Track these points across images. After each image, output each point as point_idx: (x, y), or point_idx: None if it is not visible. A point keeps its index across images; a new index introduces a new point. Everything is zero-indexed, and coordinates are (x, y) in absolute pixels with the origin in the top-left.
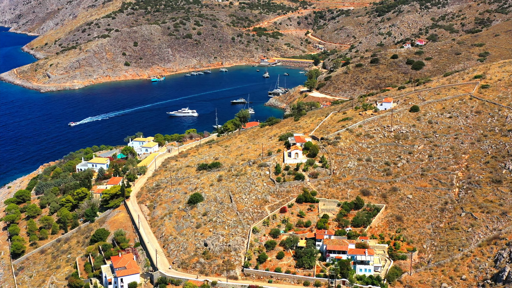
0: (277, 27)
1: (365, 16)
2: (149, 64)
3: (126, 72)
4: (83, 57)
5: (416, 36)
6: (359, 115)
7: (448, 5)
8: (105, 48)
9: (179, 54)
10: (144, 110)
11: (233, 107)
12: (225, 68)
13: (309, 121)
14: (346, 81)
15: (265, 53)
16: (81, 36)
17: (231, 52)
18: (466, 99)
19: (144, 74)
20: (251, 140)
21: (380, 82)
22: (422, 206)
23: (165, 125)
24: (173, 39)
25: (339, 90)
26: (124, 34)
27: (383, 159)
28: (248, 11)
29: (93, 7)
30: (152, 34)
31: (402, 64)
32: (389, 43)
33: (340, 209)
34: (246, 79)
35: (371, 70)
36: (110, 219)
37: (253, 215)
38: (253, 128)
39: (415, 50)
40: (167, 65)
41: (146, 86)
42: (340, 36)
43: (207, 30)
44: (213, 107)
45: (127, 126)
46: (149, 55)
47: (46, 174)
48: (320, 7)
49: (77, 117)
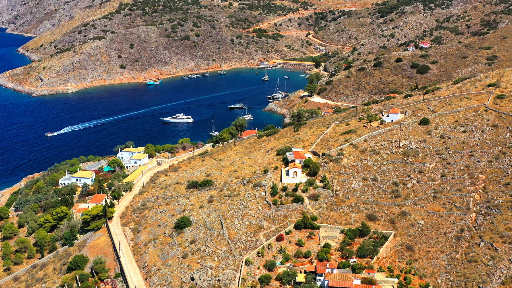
0: (277, 29)
1: (367, 17)
2: (146, 67)
3: (122, 75)
4: (77, 60)
5: (420, 38)
6: (363, 127)
7: (452, 6)
8: (100, 50)
9: (176, 56)
10: (138, 116)
11: (231, 113)
12: (223, 71)
13: (309, 133)
14: (348, 85)
15: (265, 55)
16: (77, 37)
17: (230, 54)
18: (481, 111)
19: (140, 77)
20: (246, 153)
21: (383, 86)
22: (435, 233)
23: (159, 132)
24: (170, 41)
25: (341, 95)
26: (120, 36)
27: (391, 178)
28: (248, 12)
29: (90, 8)
30: (149, 36)
31: (407, 68)
32: (392, 45)
33: (344, 237)
34: (245, 82)
35: (374, 74)
36: (90, 244)
37: (246, 244)
38: (250, 138)
39: (420, 53)
40: (164, 68)
41: (142, 90)
42: (342, 38)
43: (205, 32)
44: (210, 112)
45: (119, 133)
46: (146, 57)
47: (28, 188)
48: (321, 8)
49: (67, 123)
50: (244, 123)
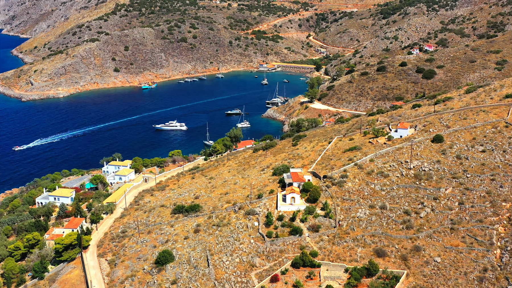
0: (277, 30)
1: (369, 18)
2: (141, 70)
3: (116, 79)
4: (69, 63)
5: (424, 41)
6: (369, 143)
7: (456, 7)
8: (94, 53)
9: (172, 59)
10: (130, 123)
11: (227, 119)
12: (221, 74)
13: (309, 148)
14: (350, 91)
15: (264, 58)
16: (71, 39)
17: (228, 56)
18: (501, 127)
19: (134, 81)
20: (240, 171)
21: (388, 92)
22: (454, 273)
23: (151, 141)
24: (166, 43)
25: (343, 101)
26: (114, 38)
27: (401, 206)
28: (247, 13)
29: (85, 9)
30: (144, 38)
31: (412, 73)
32: (395, 48)
33: (348, 277)
34: (243, 86)
35: (378, 79)
36: (62, 278)
37: (236, 285)
38: (245, 150)
39: (425, 57)
40: (159, 71)
41: (136, 94)
42: (343, 40)
43: (203, 34)
44: (205, 119)
45: (109, 142)
46: (141, 60)
47: (3, 206)
48: (322, 9)
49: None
50: (239, 134)
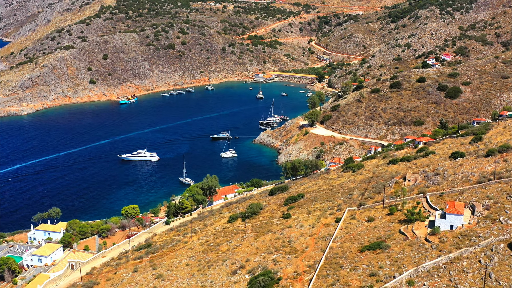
0: (276, 35)
1: (376, 22)
2: (120, 82)
3: (91, 92)
4: (37, 74)
5: (441, 49)
6: (399, 233)
7: (473, 10)
8: (67, 62)
9: (157, 68)
10: (93, 151)
11: (212, 145)
12: (211, 86)
13: (306, 225)
14: (359, 112)
15: (261, 66)
16: (49, 44)
17: (221, 65)
18: None
19: (112, 94)
20: (202, 267)
21: (404, 115)
22: None
23: (111, 179)
24: (151, 50)
25: (350, 126)
26: (92, 45)
27: None
28: (244, 16)
29: (68, 11)
30: (126, 45)
31: (432, 91)
32: (408, 57)
33: None
34: (235, 100)
35: (392, 97)
36: None
37: None
38: (221, 213)
39: (447, 71)
40: (142, 82)
41: (111, 111)
42: (348, 46)
43: (193, 39)
44: (185, 144)
45: (58, 182)
46: (121, 70)
47: None
48: (325, 12)
49: None
50: (214, 184)
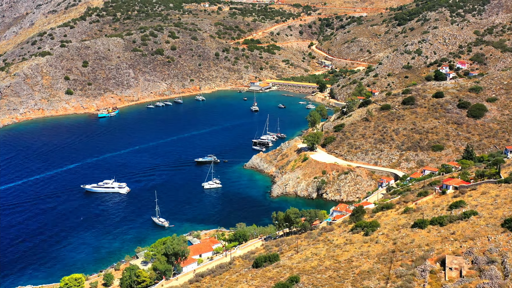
0: (274, 38)
1: (381, 25)
2: (100, 92)
3: (67, 104)
4: (7, 84)
5: (455, 56)
6: None
7: (485, 12)
8: (42, 70)
9: (143, 76)
10: (55, 180)
11: (197, 170)
12: (201, 96)
13: None
14: (367, 134)
15: (257, 73)
16: (30, 49)
17: (213, 72)
18: None
19: (91, 106)
20: None
21: (420, 137)
22: None
23: (69, 218)
24: (137, 57)
25: (357, 151)
26: (71, 51)
27: None
28: (240, 19)
29: (53, 13)
30: (109, 51)
31: (452, 108)
32: (419, 64)
33: None
34: (227, 113)
35: (405, 116)
36: None
37: None
38: None
39: (468, 84)
40: (125, 92)
41: (87, 126)
42: (352, 51)
43: (184, 44)
44: (166, 171)
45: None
46: (102, 79)
47: None
48: (327, 13)
49: None
50: (182, 251)
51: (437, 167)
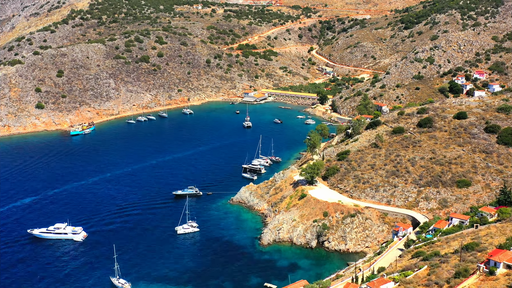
0: (271, 43)
1: (386, 28)
2: (76, 105)
3: (37, 119)
4: None
5: (472, 65)
6: None
7: (499, 14)
8: (11, 81)
9: (125, 87)
10: (2, 219)
11: (175, 207)
12: (189, 110)
13: None
14: (377, 164)
15: (252, 82)
16: (6, 55)
17: (204, 81)
18: None
19: (64, 122)
20: None
21: (442, 170)
22: None
23: (11, 272)
24: (120, 65)
25: (365, 186)
26: (45, 59)
27: None
28: (235, 21)
29: (35, 16)
30: (88, 58)
31: (478, 133)
32: (431, 74)
33: None
34: (217, 129)
35: (422, 142)
36: None
37: None
38: None
39: (495, 102)
40: (104, 105)
41: (56, 146)
42: (355, 56)
43: (172, 50)
44: (137, 207)
45: None
46: (79, 90)
47: None
48: (328, 16)
49: None
50: None
51: (466, 212)
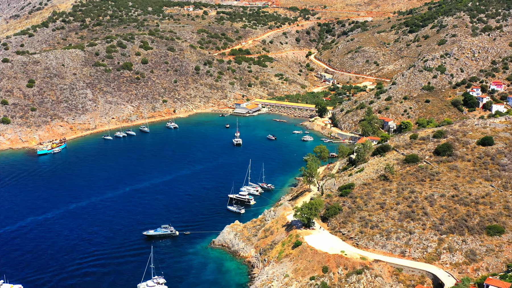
0: (267, 48)
1: (390, 31)
2: (47, 120)
3: (2, 136)
4: None
5: (488, 75)
6: None
7: (511, 16)
8: None
9: (104, 97)
10: None
11: (144, 251)
12: (174, 123)
13: None
14: (388, 203)
15: (245, 91)
16: None
17: (192, 90)
18: None
19: (32, 139)
20: None
21: (467, 212)
22: None
23: None
24: (99, 73)
25: (374, 232)
26: (15, 67)
27: None
28: (228, 24)
29: (16, 18)
30: (64, 66)
31: (509, 163)
32: (442, 85)
33: None
34: (203, 146)
35: (441, 174)
36: None
37: None
38: None
39: None
40: (79, 119)
41: (18, 169)
42: (356, 62)
43: (158, 56)
44: (97, 254)
45: None
46: (51, 102)
47: None
48: (327, 18)
49: None
50: None
51: (503, 275)
